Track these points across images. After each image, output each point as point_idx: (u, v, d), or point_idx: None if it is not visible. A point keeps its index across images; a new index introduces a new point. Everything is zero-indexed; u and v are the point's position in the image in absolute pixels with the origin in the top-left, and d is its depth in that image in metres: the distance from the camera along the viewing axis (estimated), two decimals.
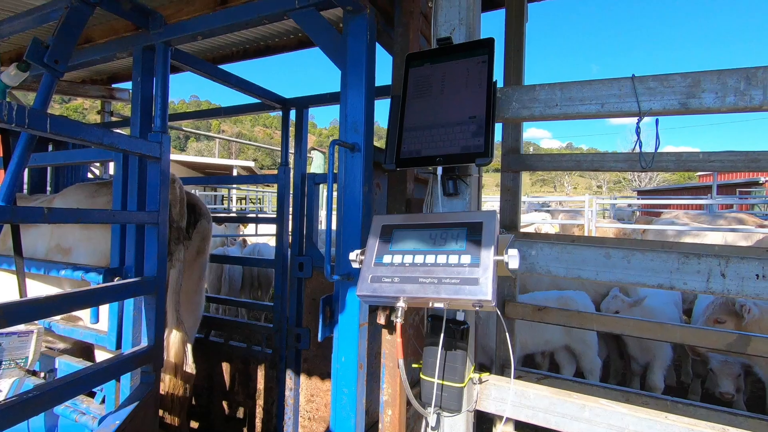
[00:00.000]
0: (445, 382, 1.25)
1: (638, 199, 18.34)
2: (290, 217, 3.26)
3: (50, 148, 3.51)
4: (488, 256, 0.98)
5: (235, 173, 16.50)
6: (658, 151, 1.61)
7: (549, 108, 1.30)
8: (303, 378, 3.15)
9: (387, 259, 1.07)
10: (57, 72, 1.86)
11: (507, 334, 1.42)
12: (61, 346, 2.78)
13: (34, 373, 2.50)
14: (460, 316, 1.26)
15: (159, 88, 2.24)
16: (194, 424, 3.52)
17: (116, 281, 2.13)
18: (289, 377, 3.14)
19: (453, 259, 1.01)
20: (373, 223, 1.18)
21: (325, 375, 3.08)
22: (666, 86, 1.14)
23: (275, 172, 3.39)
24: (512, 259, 0.97)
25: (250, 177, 3.48)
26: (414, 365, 1.39)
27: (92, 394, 2.43)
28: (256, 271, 6.15)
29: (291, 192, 3.25)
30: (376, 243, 1.12)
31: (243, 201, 18.25)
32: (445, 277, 0.98)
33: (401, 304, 1.00)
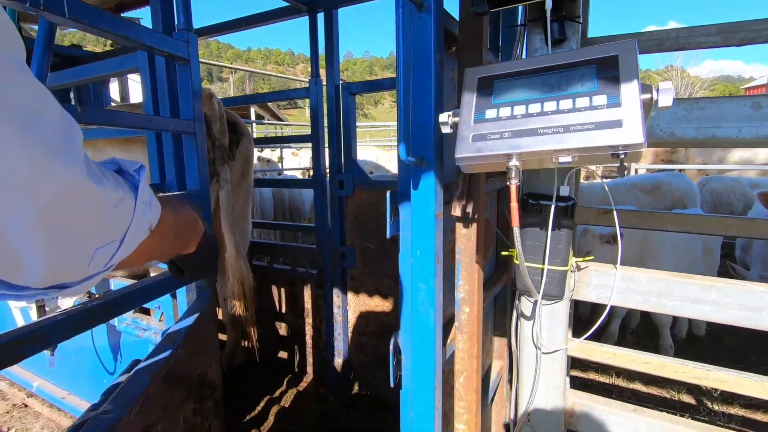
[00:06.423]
0: (545, 266, 1.11)
1: None
2: (326, 132, 3.06)
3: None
4: (632, 90, 0.76)
5: (252, 111, 16.16)
6: None
7: None
8: (350, 296, 3.14)
9: (490, 113, 0.87)
10: None
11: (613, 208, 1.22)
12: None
13: (90, 296, 2.54)
14: (564, 192, 1.08)
15: None
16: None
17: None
18: (336, 296, 3.13)
19: (582, 102, 0.80)
20: (465, 77, 0.97)
21: (372, 292, 3.05)
22: None
23: (298, 97, 3.17)
24: (664, 93, 0.76)
25: (280, 93, 3.25)
26: (504, 252, 1.25)
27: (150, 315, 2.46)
28: (287, 203, 6.09)
29: (325, 104, 3.01)
30: (473, 98, 0.92)
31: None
32: (574, 124, 0.78)
33: (514, 163, 0.81)
